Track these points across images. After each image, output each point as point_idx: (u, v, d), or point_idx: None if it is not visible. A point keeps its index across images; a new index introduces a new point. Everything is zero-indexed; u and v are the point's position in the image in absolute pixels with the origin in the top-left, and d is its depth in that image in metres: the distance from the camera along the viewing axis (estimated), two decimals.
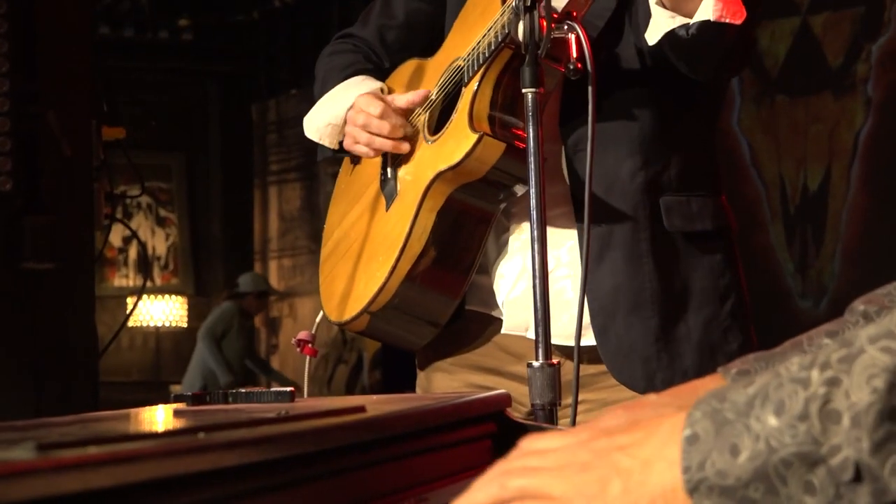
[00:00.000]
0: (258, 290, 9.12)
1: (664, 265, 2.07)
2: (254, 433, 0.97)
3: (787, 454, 0.79)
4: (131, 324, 10.11)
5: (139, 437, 0.85)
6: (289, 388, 1.42)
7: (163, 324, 10.56)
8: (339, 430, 1.08)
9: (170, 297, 10.74)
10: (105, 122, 3.60)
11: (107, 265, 10.58)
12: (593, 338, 2.04)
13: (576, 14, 1.81)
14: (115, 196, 3.68)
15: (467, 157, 1.99)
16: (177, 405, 1.42)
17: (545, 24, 1.76)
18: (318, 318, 2.25)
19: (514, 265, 2.11)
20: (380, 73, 2.32)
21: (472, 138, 1.98)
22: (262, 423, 1.03)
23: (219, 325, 9.05)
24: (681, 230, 2.09)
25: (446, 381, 2.19)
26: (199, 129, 11.39)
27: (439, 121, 2.15)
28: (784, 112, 5.85)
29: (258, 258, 10.88)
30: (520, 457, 0.93)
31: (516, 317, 2.10)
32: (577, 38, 1.78)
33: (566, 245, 2.09)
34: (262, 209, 10.94)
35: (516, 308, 2.10)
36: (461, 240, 2.10)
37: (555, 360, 1.70)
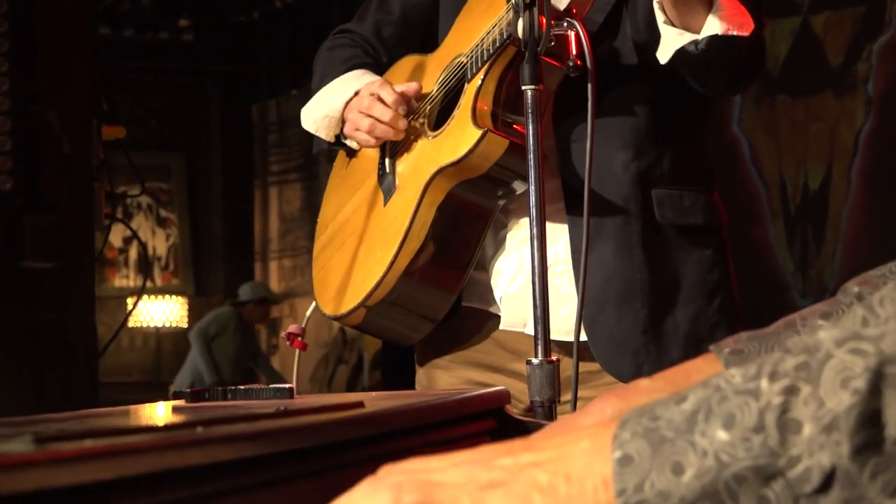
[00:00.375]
0: (258, 298, 9.11)
1: (655, 257, 2.08)
2: (252, 428, 0.97)
3: (739, 468, 0.76)
4: (131, 324, 10.12)
5: (136, 430, 0.85)
6: (288, 385, 1.42)
7: (163, 324, 10.56)
8: (337, 425, 1.08)
9: (170, 298, 10.74)
10: (105, 122, 3.59)
11: (107, 265, 10.58)
12: (583, 329, 2.04)
13: (576, 11, 1.82)
14: (116, 196, 3.68)
15: (471, 152, 1.99)
16: (175, 402, 1.42)
17: (545, 21, 1.76)
18: (308, 312, 2.25)
19: (511, 262, 2.12)
20: (378, 68, 2.33)
21: (476, 134, 1.98)
22: (261, 418, 1.03)
23: (212, 326, 9.06)
24: (672, 223, 2.10)
25: (445, 378, 2.20)
26: (199, 130, 11.39)
27: (440, 116, 2.16)
28: (785, 111, 5.85)
29: (258, 258, 10.88)
30: (398, 473, 0.83)
31: (514, 313, 2.10)
32: (577, 36, 1.78)
33: (561, 241, 2.09)
34: (262, 209, 10.94)
35: (514, 304, 2.10)
36: (460, 235, 2.10)
37: (554, 357, 1.70)
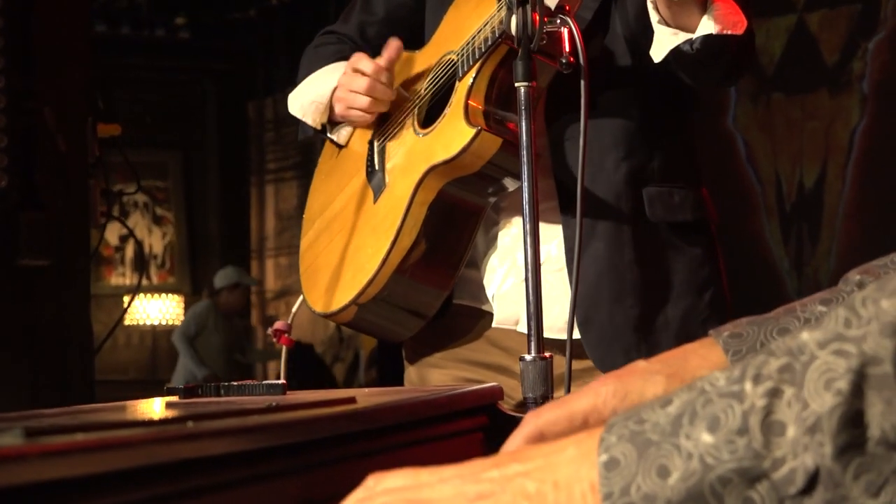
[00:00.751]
0: (231, 284, 9.12)
1: (646, 255, 2.08)
2: (244, 422, 0.97)
3: (724, 471, 0.76)
4: (128, 322, 10.13)
5: (128, 424, 0.85)
6: (280, 381, 1.42)
7: (159, 322, 10.56)
8: (329, 420, 1.08)
9: (166, 296, 10.74)
10: (101, 119, 3.59)
11: (104, 264, 10.57)
12: (576, 328, 2.05)
13: (569, 8, 1.82)
14: (112, 193, 3.67)
15: (464, 151, 1.99)
16: (167, 398, 1.42)
17: (538, 18, 1.76)
18: (294, 308, 2.25)
19: (503, 260, 2.12)
20: None
21: (470, 133, 1.99)
22: (253, 412, 1.03)
23: (191, 325, 9.09)
24: (663, 220, 2.10)
25: (437, 376, 2.20)
26: (195, 127, 11.38)
27: (429, 114, 2.16)
28: (780, 110, 5.85)
29: (255, 256, 10.88)
30: (385, 493, 0.84)
31: (507, 311, 2.10)
32: (570, 32, 1.78)
33: (554, 240, 2.09)
34: (258, 207, 10.94)
35: (506, 302, 2.10)
36: (452, 233, 2.10)
37: (546, 354, 1.70)
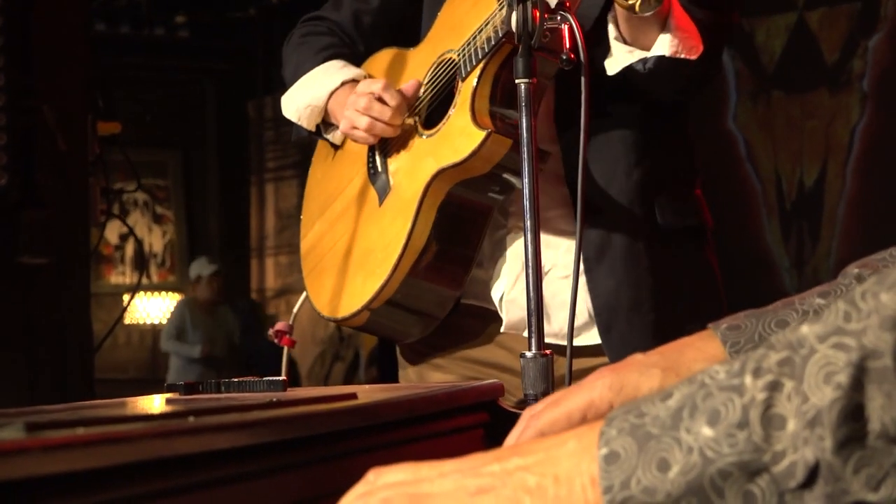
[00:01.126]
0: (194, 277, 9.21)
1: (658, 262, 2.08)
2: (245, 417, 0.97)
3: (724, 464, 0.76)
4: (128, 321, 10.13)
5: (129, 419, 0.85)
6: (281, 378, 1.42)
7: (159, 321, 10.56)
8: (329, 416, 1.08)
9: (166, 295, 10.74)
10: (101, 118, 3.59)
11: (104, 262, 10.57)
12: (597, 335, 2.05)
13: (569, 5, 1.81)
14: (112, 192, 3.67)
15: (474, 154, 1.98)
16: (169, 394, 1.42)
17: (538, 14, 1.76)
18: (295, 308, 2.24)
19: (512, 265, 2.11)
20: (354, 58, 2.32)
21: (480, 135, 1.97)
22: (254, 408, 1.03)
23: (171, 329, 9.14)
24: (672, 227, 2.10)
25: (438, 376, 2.19)
26: (195, 126, 11.38)
27: (430, 114, 2.15)
28: (780, 108, 5.85)
29: (255, 255, 10.88)
30: (385, 487, 0.84)
31: (516, 316, 2.09)
32: (571, 29, 1.78)
33: (563, 246, 2.08)
34: (258, 206, 10.94)
35: (515, 307, 2.09)
36: (462, 234, 2.09)
37: (547, 351, 1.70)
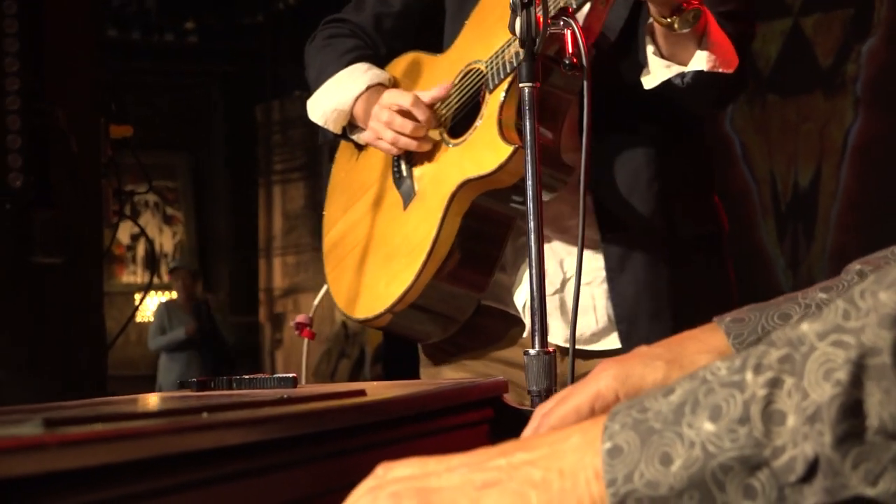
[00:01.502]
0: (169, 269, 9.43)
1: (678, 269, 2.07)
2: (256, 414, 0.96)
3: (726, 459, 0.76)
4: (139, 319, 10.11)
5: (144, 415, 0.85)
6: (291, 375, 1.42)
7: None
8: (339, 412, 1.08)
9: (176, 294, 10.73)
10: (113, 121, 3.59)
11: (115, 262, 10.59)
12: (617, 340, 2.04)
13: (571, 11, 1.81)
14: (123, 193, 3.67)
15: (501, 168, 1.97)
16: (181, 391, 1.42)
17: (542, 20, 1.75)
18: (315, 301, 2.23)
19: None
20: (377, 60, 2.30)
21: (507, 150, 1.96)
22: (265, 404, 1.03)
23: (155, 327, 9.30)
24: (690, 234, 2.09)
25: (462, 375, 2.17)
26: (204, 130, 11.39)
27: (457, 123, 2.13)
28: (776, 111, 5.85)
29: (263, 255, 10.88)
30: (394, 482, 0.83)
31: None
32: (573, 34, 1.78)
33: (588, 252, 2.06)
34: (266, 207, 10.94)
35: None
36: (485, 242, 2.09)
37: (550, 349, 1.70)
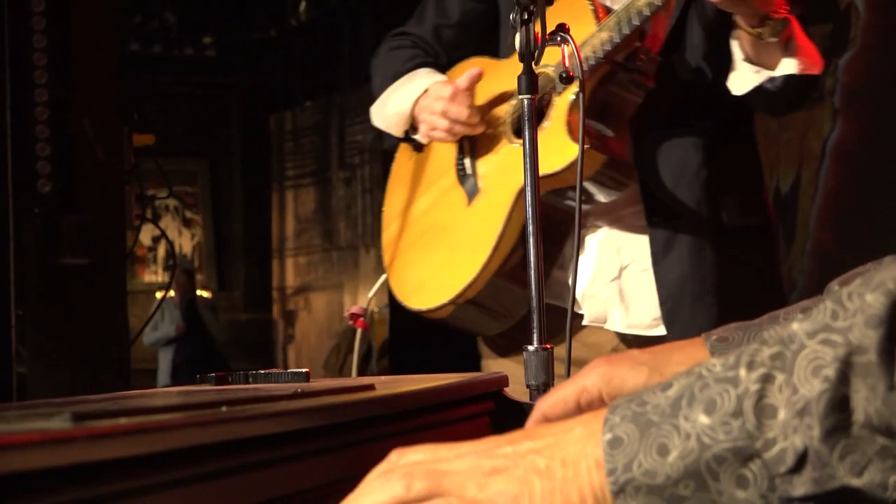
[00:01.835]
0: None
1: (723, 258, 2.05)
2: (272, 408, 0.96)
3: (720, 450, 0.76)
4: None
5: (167, 409, 0.84)
6: (304, 370, 1.41)
7: None
8: (350, 405, 1.07)
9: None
10: (136, 130, 3.59)
11: (138, 262, 10.59)
12: (664, 328, 2.02)
13: (568, 27, 1.79)
14: (145, 198, 3.67)
15: (569, 168, 1.95)
16: (201, 385, 1.41)
17: (540, 36, 1.75)
18: (371, 294, 2.21)
19: (590, 262, 2.07)
20: (439, 67, 2.28)
21: (576, 150, 1.92)
22: (281, 398, 1.02)
23: (150, 326, 9.27)
24: (737, 225, 2.07)
25: (520, 369, 2.14)
26: (221, 138, 11.39)
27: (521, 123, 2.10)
28: (759, 121, 5.83)
29: (276, 256, 10.88)
30: (407, 465, 0.83)
31: (596, 309, 2.06)
32: (570, 50, 1.77)
33: (639, 241, 2.05)
34: (279, 211, 10.94)
35: (596, 301, 2.06)
36: (546, 238, 2.06)
37: (548, 346, 1.69)
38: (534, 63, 1.75)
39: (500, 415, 1.41)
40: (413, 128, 2.25)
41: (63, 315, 3.30)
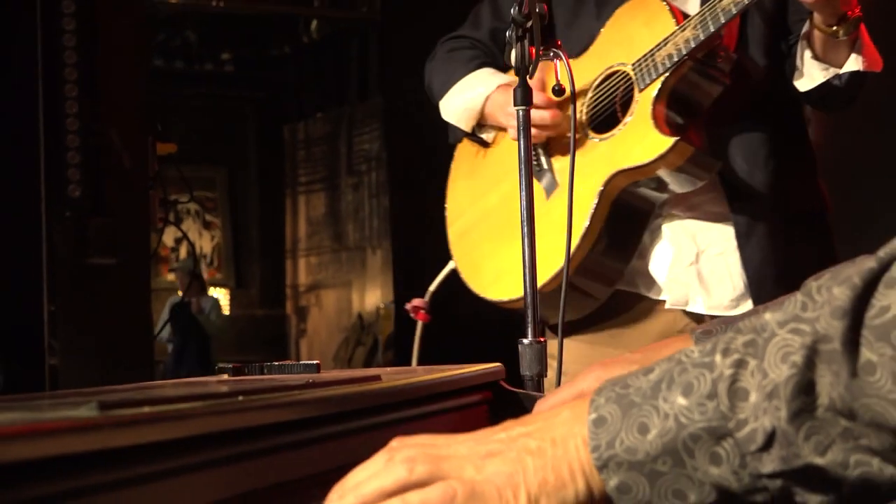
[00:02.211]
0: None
1: (792, 240, 2.03)
2: (286, 397, 0.96)
3: (695, 429, 0.76)
4: None
5: (187, 398, 0.84)
6: (315, 362, 1.41)
7: None
8: (358, 395, 1.07)
9: (214, 289, 10.74)
10: (159, 139, 3.59)
11: (161, 262, 10.58)
12: (742, 309, 2.00)
13: (560, 43, 1.78)
14: (168, 202, 3.67)
15: (661, 158, 1.92)
16: (219, 376, 1.41)
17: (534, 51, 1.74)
18: (432, 287, 2.14)
19: (667, 249, 2.05)
20: (500, 69, 2.24)
21: (668, 142, 1.91)
22: (293, 388, 1.02)
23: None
24: (800, 210, 2.06)
25: (590, 351, 2.11)
26: (238, 147, 11.39)
27: (597, 119, 2.06)
28: None
29: (289, 256, 10.88)
30: (410, 451, 0.82)
31: (677, 292, 2.04)
32: (561, 64, 1.76)
33: (716, 227, 2.03)
34: (292, 215, 10.94)
35: (676, 285, 2.04)
36: (627, 231, 2.03)
37: (542, 339, 1.68)
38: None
39: (496, 404, 1.41)
40: (479, 125, 2.22)
41: (92, 311, 3.30)
